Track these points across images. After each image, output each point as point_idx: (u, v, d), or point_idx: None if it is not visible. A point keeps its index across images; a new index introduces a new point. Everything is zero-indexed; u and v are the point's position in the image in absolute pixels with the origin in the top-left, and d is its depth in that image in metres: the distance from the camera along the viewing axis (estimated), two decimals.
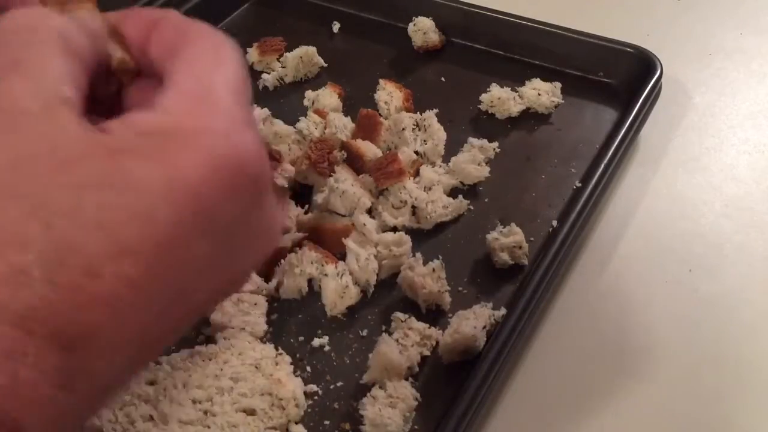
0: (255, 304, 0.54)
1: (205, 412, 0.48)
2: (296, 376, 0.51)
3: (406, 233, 0.58)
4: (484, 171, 0.62)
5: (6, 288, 0.22)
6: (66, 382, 0.23)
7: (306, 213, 0.60)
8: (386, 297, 0.56)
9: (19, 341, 0.22)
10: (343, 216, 0.59)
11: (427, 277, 0.53)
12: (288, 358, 0.52)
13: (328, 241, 0.58)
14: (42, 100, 0.25)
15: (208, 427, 0.47)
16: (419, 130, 0.65)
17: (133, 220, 0.24)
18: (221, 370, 0.50)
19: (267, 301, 0.55)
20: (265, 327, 0.54)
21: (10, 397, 0.22)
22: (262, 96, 0.73)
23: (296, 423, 0.49)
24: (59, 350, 0.23)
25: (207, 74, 0.29)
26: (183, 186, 0.26)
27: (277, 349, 0.52)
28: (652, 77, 0.66)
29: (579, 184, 0.61)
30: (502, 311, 0.52)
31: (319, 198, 0.60)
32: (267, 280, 0.57)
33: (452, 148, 0.65)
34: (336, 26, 0.81)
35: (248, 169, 0.28)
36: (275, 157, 0.61)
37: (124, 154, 0.25)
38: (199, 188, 0.26)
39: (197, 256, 0.27)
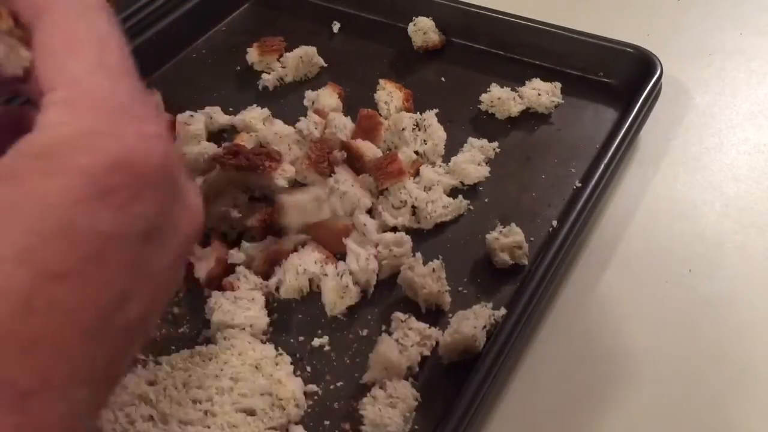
0: (252, 299, 0.54)
1: (205, 413, 0.48)
2: (296, 376, 0.51)
3: (406, 233, 0.58)
4: (484, 171, 0.62)
5: None
6: None
7: None
8: (386, 297, 0.56)
9: None
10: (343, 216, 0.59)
11: (427, 277, 0.53)
12: (288, 359, 0.52)
13: (328, 241, 0.58)
14: None
15: (208, 427, 0.47)
16: (419, 130, 0.65)
17: (48, 240, 0.23)
18: (221, 370, 0.50)
19: (264, 296, 0.55)
20: (267, 320, 0.54)
21: None
22: (262, 96, 0.73)
23: (296, 423, 0.49)
24: (13, 406, 0.22)
25: (72, 66, 0.27)
26: (89, 190, 0.25)
27: (277, 349, 0.52)
28: (652, 77, 0.66)
29: (579, 184, 0.61)
30: (502, 311, 0.52)
31: None
32: (267, 279, 0.57)
33: (452, 148, 0.65)
34: (336, 26, 0.81)
35: (152, 157, 0.27)
36: (275, 158, 0.61)
37: (15, 177, 0.24)
38: (107, 189, 0.25)
39: (126, 263, 0.26)
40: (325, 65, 0.75)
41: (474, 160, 0.63)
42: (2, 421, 0.22)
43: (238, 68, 0.77)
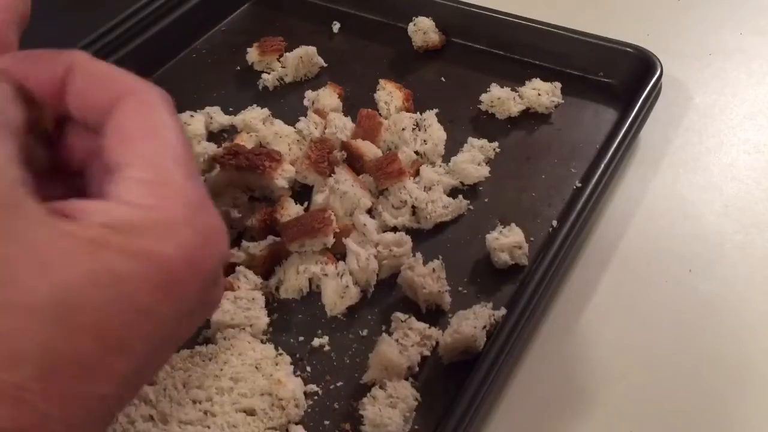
0: (252, 299, 0.54)
1: (205, 413, 0.48)
2: (296, 376, 0.51)
3: (406, 233, 0.58)
4: (484, 171, 0.62)
5: (5, 407, 0.22)
6: None
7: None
8: (386, 297, 0.56)
9: None
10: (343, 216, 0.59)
11: (427, 277, 0.53)
12: (288, 359, 0.52)
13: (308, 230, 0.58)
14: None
15: (208, 427, 0.47)
16: (419, 130, 0.65)
17: (119, 318, 0.25)
18: (221, 370, 0.50)
19: (263, 295, 0.55)
20: (267, 320, 0.54)
21: None
22: (262, 96, 0.73)
23: (296, 423, 0.49)
24: None
25: (155, 151, 0.28)
26: (159, 278, 0.26)
27: (277, 349, 0.52)
28: (652, 77, 0.66)
29: (579, 184, 0.61)
30: (502, 311, 0.52)
31: (319, 198, 0.60)
32: (267, 279, 0.57)
33: (452, 148, 0.65)
34: (336, 26, 0.81)
35: (216, 254, 0.28)
36: (275, 158, 0.61)
37: (101, 249, 0.25)
38: (177, 281, 0.26)
39: (162, 337, 0.27)
40: (325, 65, 0.75)
41: (474, 160, 0.63)
42: None
43: (238, 68, 0.77)
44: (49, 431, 0.23)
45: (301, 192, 0.62)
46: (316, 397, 0.51)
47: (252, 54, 0.75)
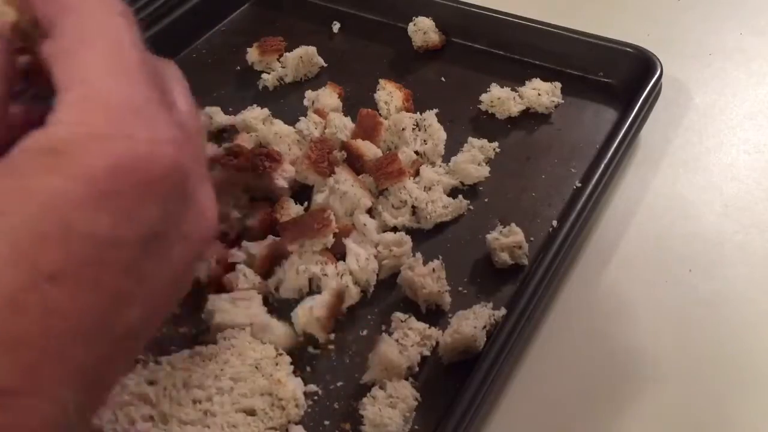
0: (250, 299, 0.54)
1: (205, 413, 0.48)
2: (296, 376, 0.51)
3: (406, 233, 0.58)
4: (484, 171, 0.62)
5: None
6: None
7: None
8: (386, 297, 0.56)
9: None
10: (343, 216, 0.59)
11: (427, 277, 0.53)
12: (288, 358, 0.51)
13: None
14: None
15: (208, 427, 0.47)
16: (419, 130, 0.65)
17: (46, 240, 0.23)
18: (221, 370, 0.50)
19: (262, 294, 0.55)
20: (267, 316, 0.54)
21: None
22: (262, 96, 0.73)
23: (296, 423, 0.49)
24: None
25: (87, 66, 0.27)
26: (90, 192, 0.24)
27: (276, 349, 0.52)
28: (652, 77, 0.66)
29: (579, 184, 0.61)
30: (502, 311, 0.52)
31: (319, 198, 0.60)
32: (266, 278, 0.57)
33: (452, 148, 0.65)
34: (336, 26, 0.81)
35: (160, 163, 0.26)
36: (275, 158, 0.61)
37: (19, 172, 0.24)
38: (112, 192, 0.25)
39: (124, 267, 0.25)
40: (325, 65, 0.75)
41: (474, 160, 0.63)
42: None
43: (238, 68, 0.77)
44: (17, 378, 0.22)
45: (301, 192, 0.62)
46: (316, 397, 0.50)
47: (252, 54, 0.75)
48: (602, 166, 0.60)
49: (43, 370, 0.23)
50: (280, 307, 0.56)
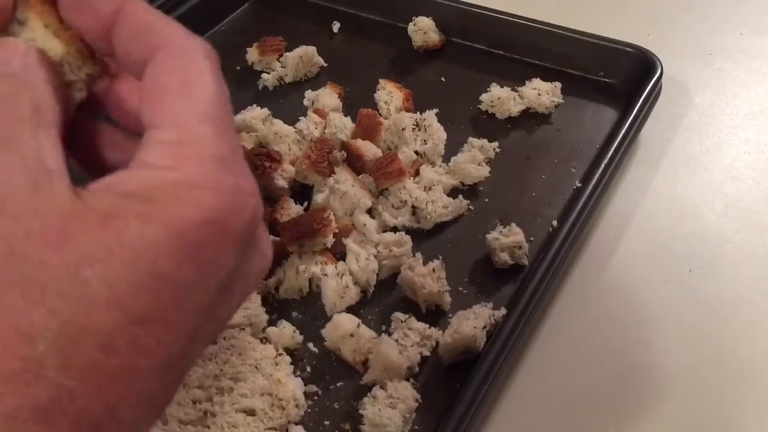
0: (249, 299, 0.54)
1: (205, 413, 0.48)
2: (296, 376, 0.51)
3: (406, 233, 0.58)
4: (484, 171, 0.62)
5: (22, 385, 0.22)
6: None
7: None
8: (386, 297, 0.56)
9: None
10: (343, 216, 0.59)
11: (427, 277, 0.53)
12: (288, 358, 0.51)
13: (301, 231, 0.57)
14: (30, 176, 0.24)
15: (208, 427, 0.47)
16: (419, 130, 0.65)
17: (138, 287, 0.24)
18: (221, 370, 0.50)
19: (261, 294, 0.55)
20: (266, 317, 0.54)
21: None
22: (262, 96, 0.73)
23: (296, 423, 0.49)
24: None
25: (182, 110, 0.27)
26: (180, 243, 0.25)
27: (276, 349, 0.52)
28: (653, 77, 0.66)
29: (579, 184, 0.61)
30: (502, 311, 0.52)
31: (319, 198, 0.60)
32: (266, 278, 0.57)
33: (452, 148, 0.65)
34: (336, 26, 0.81)
35: (243, 214, 0.27)
36: (275, 158, 0.61)
37: (115, 219, 0.24)
38: (200, 244, 0.25)
39: (202, 310, 0.26)
40: (325, 65, 0.75)
41: (474, 160, 0.63)
42: None
43: (238, 68, 0.77)
44: (78, 409, 0.23)
45: (301, 192, 0.62)
46: (315, 397, 0.50)
47: (252, 54, 0.75)
48: (602, 166, 0.60)
49: (125, 404, 0.25)
50: (280, 307, 0.56)
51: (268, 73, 0.74)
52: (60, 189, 0.25)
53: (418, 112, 0.66)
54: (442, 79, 0.74)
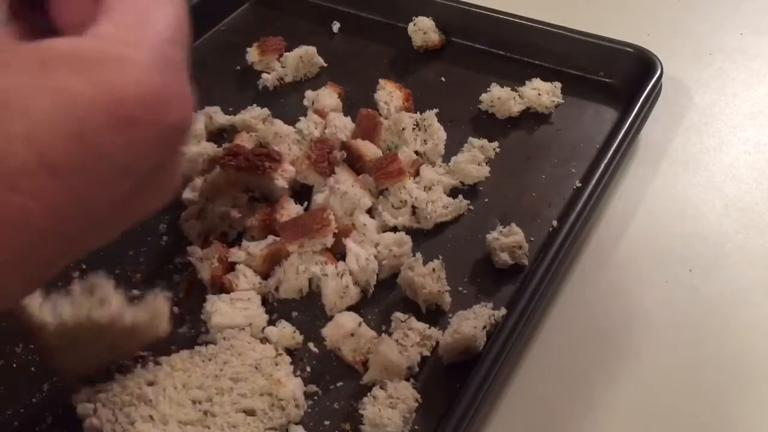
0: (248, 299, 0.54)
1: (205, 413, 0.48)
2: (296, 376, 0.51)
3: (406, 233, 0.58)
4: (484, 171, 0.62)
5: None
6: None
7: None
8: (386, 297, 0.56)
9: None
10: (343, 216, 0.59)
11: (427, 277, 0.53)
12: (287, 358, 0.51)
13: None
14: None
15: (208, 427, 0.47)
16: (419, 130, 0.65)
17: (59, 136, 0.24)
18: (221, 370, 0.50)
19: (261, 295, 0.55)
20: (266, 317, 0.54)
21: None
22: (262, 96, 0.73)
23: (296, 423, 0.49)
24: None
25: (147, 8, 0.28)
26: (109, 106, 0.25)
27: (276, 349, 0.52)
28: (653, 77, 0.66)
29: (579, 184, 0.61)
30: (502, 311, 0.52)
31: (319, 198, 0.60)
32: (266, 278, 0.57)
33: (452, 148, 0.65)
34: (336, 26, 0.81)
35: (178, 113, 0.27)
36: (275, 158, 0.61)
37: (54, 69, 0.24)
38: (130, 118, 0.25)
39: (110, 193, 0.26)
40: (325, 65, 0.75)
41: (474, 160, 0.63)
42: None
43: (238, 68, 0.77)
44: None
45: (301, 192, 0.62)
46: (315, 397, 0.50)
47: (252, 54, 0.75)
48: (602, 166, 0.60)
49: (5, 254, 0.24)
50: (279, 307, 0.56)
51: (268, 73, 0.74)
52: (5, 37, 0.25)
53: (418, 112, 0.66)
54: (442, 79, 0.74)
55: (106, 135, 0.25)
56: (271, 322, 0.54)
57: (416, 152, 0.64)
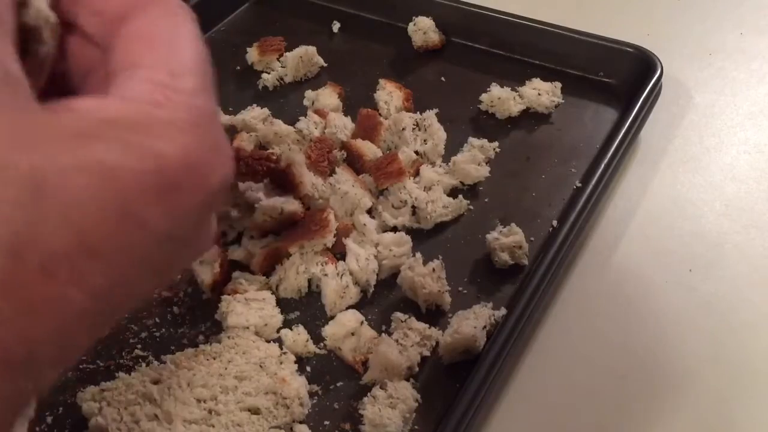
0: (263, 299, 0.54)
1: (210, 411, 0.48)
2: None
3: (406, 233, 0.58)
4: (484, 171, 0.62)
5: None
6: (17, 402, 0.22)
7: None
8: (386, 297, 0.56)
9: None
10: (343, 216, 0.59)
11: (427, 277, 0.53)
12: (292, 357, 0.52)
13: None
14: None
15: (213, 426, 0.47)
16: (419, 130, 0.65)
17: (100, 216, 0.22)
18: (226, 369, 0.50)
19: (273, 294, 0.55)
20: (281, 317, 0.54)
21: None
22: (262, 96, 0.73)
23: (300, 422, 0.49)
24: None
25: (168, 55, 0.26)
26: (154, 176, 0.23)
27: (281, 348, 0.52)
28: (652, 77, 0.66)
29: (579, 184, 0.61)
30: (502, 311, 0.52)
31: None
32: (266, 277, 0.57)
33: (452, 148, 0.65)
34: (336, 26, 0.81)
35: (220, 172, 0.26)
36: (273, 159, 0.61)
37: (91, 139, 0.23)
38: (175, 187, 0.24)
39: (151, 263, 0.25)
40: (325, 65, 0.76)
41: (474, 160, 0.63)
42: None
43: (238, 68, 0.77)
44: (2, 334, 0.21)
45: None
46: (316, 397, 0.51)
47: (252, 54, 0.75)
48: (602, 166, 0.60)
49: (46, 341, 0.23)
50: (280, 307, 0.56)
51: (268, 73, 0.75)
52: (26, 95, 0.23)
53: (418, 112, 0.66)
54: (442, 79, 0.74)
55: (150, 209, 0.24)
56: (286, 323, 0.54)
57: (416, 152, 0.64)
